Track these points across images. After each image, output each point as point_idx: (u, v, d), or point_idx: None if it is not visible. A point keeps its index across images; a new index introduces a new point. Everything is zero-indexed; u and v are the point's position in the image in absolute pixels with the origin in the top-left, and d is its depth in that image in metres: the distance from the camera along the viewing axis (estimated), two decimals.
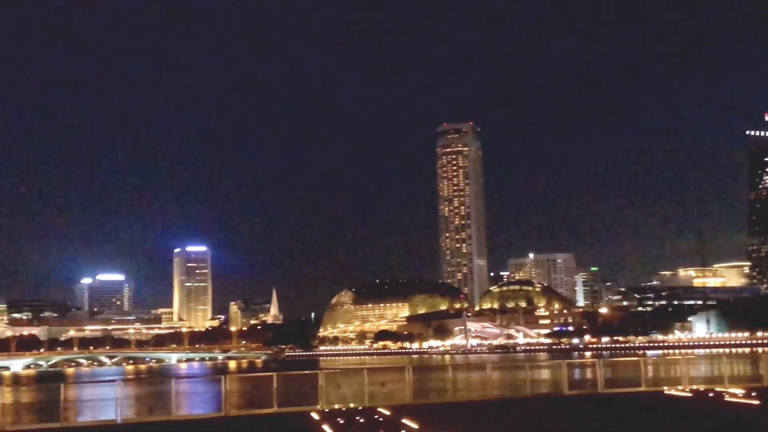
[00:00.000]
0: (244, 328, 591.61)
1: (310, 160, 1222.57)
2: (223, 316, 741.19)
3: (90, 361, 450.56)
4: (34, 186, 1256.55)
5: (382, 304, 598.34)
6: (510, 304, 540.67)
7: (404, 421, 41.23)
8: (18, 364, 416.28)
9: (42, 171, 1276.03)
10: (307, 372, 54.21)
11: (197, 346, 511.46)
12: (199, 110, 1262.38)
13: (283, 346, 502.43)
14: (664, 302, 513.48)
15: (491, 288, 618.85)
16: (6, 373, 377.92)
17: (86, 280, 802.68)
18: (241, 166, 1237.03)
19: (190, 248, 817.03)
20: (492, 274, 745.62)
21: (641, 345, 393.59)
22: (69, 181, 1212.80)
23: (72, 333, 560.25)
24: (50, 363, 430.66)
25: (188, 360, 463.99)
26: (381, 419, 43.61)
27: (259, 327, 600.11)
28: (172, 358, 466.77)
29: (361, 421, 42.68)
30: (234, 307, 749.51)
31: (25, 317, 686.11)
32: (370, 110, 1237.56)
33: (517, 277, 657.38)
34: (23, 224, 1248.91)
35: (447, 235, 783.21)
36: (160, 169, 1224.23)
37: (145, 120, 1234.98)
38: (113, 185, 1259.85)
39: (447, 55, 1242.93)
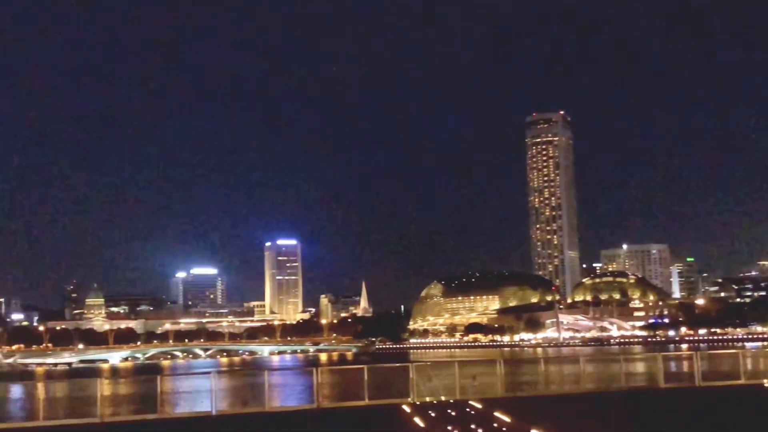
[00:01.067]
0: (335, 321, 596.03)
1: (400, 152, 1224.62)
2: (313, 309, 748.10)
3: (185, 354, 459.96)
4: (130, 183, 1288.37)
5: (472, 297, 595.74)
6: (603, 296, 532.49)
7: (496, 414, 40.85)
8: (116, 357, 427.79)
9: (138, 168, 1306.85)
10: (397, 365, 54.19)
11: (289, 338, 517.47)
12: (290, 105, 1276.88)
13: (374, 339, 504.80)
14: (763, 293, 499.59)
15: (584, 280, 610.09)
16: (105, 365, 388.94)
17: (180, 274, 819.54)
18: (330, 159, 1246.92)
19: (280, 242, 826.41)
20: (584, 265, 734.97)
21: (740, 337, 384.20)
22: (164, 179, 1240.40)
23: (167, 326, 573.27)
24: (147, 355, 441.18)
25: (280, 352, 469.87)
26: (473, 412, 43.30)
27: (349, 320, 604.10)
28: (264, 350, 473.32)
29: (453, 414, 42.42)
30: (324, 300, 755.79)
31: (122, 311, 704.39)
32: (458, 101, 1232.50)
33: (610, 269, 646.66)
34: (120, 221, 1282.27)
35: (537, 226, 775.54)
36: (252, 165, 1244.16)
37: (239, 116, 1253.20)
38: (206, 181, 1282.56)
39: (536, 44, 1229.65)
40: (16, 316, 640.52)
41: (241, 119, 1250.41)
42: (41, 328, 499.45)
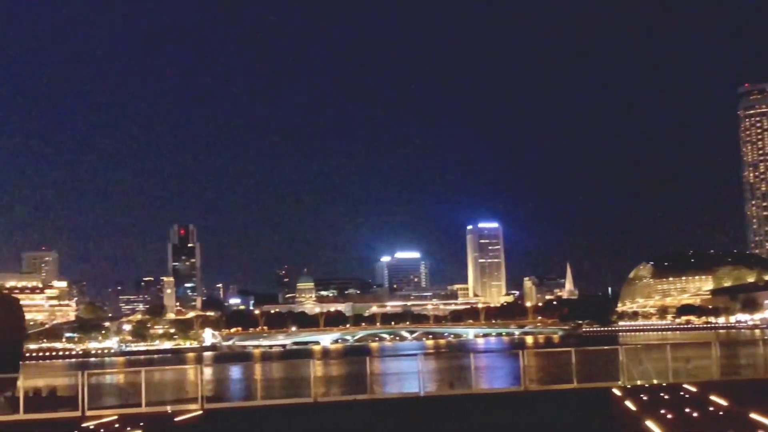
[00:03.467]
0: (539, 304, 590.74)
1: (601, 129, 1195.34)
2: (517, 292, 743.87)
3: (392, 336, 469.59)
4: (337, 171, 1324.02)
5: (683, 277, 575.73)
6: None
7: (712, 397, 39.30)
8: (327, 339, 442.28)
9: (345, 157, 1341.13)
10: (606, 347, 53.11)
11: (493, 321, 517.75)
12: (495, 87, 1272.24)
13: (580, 322, 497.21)
14: None
15: None
16: (316, 347, 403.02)
17: (385, 258, 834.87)
18: (528, 140, 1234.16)
19: (482, 224, 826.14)
20: None
21: None
22: (370, 166, 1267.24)
23: (374, 309, 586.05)
24: (355, 337, 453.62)
25: (485, 335, 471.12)
26: (687, 396, 41.81)
27: (554, 302, 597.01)
28: (469, 333, 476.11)
29: (666, 397, 41.09)
30: (528, 283, 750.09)
31: (330, 294, 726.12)
32: (662, 71, 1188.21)
33: None
34: (328, 207, 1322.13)
35: (753, 203, 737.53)
36: (453, 148, 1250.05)
37: (439, 101, 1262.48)
38: (409, 166, 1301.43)
39: (748, 10, 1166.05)
40: (234, 301, 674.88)
41: (440, 105, 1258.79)
42: (257, 312, 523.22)
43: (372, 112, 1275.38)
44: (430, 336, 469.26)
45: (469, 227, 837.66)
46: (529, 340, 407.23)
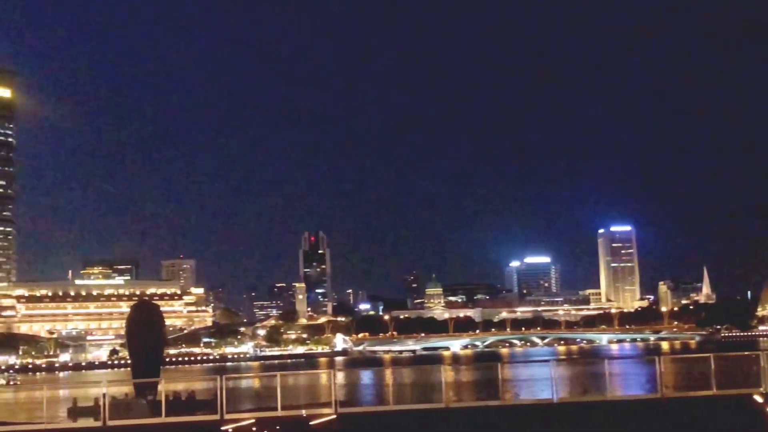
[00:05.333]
0: (675, 309, 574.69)
1: (744, 127, 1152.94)
2: (651, 297, 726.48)
3: (522, 342, 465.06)
4: (466, 176, 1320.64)
5: None
6: None
7: None
8: (456, 344, 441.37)
9: (472, 161, 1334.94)
10: (746, 353, 51.38)
11: (627, 326, 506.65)
12: (633, 87, 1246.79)
13: (718, 327, 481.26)
14: None
15: None
16: (446, 352, 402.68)
17: (514, 263, 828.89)
18: (663, 141, 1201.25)
19: (614, 228, 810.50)
20: None
21: None
22: (499, 170, 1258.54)
23: (504, 314, 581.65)
24: (485, 343, 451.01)
25: (619, 341, 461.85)
26: None
27: (690, 307, 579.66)
28: (602, 338, 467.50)
29: None
30: (663, 287, 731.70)
31: (459, 299, 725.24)
32: None
33: None
34: (456, 212, 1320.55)
35: None
36: (584, 151, 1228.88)
37: (568, 102, 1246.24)
38: (539, 169, 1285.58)
39: None
40: (364, 307, 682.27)
41: (571, 104, 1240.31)
42: (386, 317, 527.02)
43: (502, 116, 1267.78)
44: (562, 342, 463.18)
45: (601, 231, 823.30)
46: (665, 345, 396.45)
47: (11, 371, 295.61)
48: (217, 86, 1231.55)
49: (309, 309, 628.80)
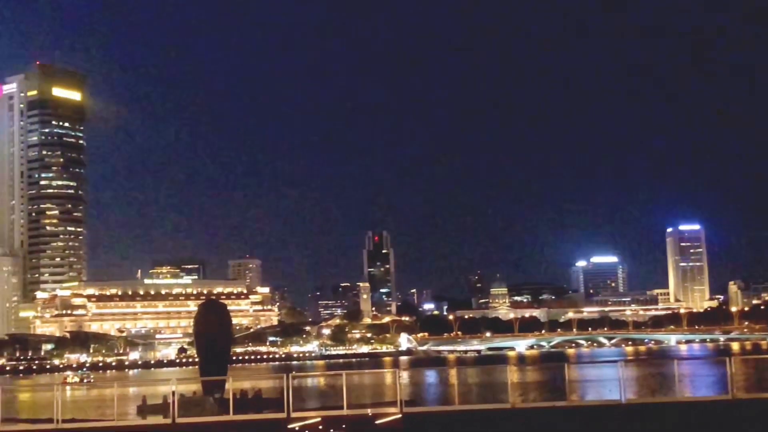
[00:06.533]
0: (746, 309, 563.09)
1: None
2: (721, 297, 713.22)
3: (589, 342, 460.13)
4: (531, 176, 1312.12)
5: None
6: None
7: None
8: (522, 345, 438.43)
9: (538, 161, 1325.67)
10: None
11: (696, 327, 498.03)
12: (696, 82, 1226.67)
13: None
14: None
15: None
16: (511, 353, 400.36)
17: (581, 263, 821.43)
18: (731, 138, 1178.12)
19: (682, 227, 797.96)
20: None
21: None
22: (564, 169, 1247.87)
23: (570, 315, 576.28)
24: (551, 344, 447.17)
25: (687, 341, 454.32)
26: None
27: (762, 307, 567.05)
28: (670, 339, 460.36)
29: None
30: (733, 287, 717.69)
31: (524, 300, 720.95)
32: None
33: None
34: (521, 212, 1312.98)
35: None
36: (650, 149, 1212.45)
37: (635, 96, 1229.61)
38: (605, 168, 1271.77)
39: None
40: (428, 306, 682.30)
41: (636, 98, 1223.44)
42: (450, 317, 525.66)
43: (571, 115, 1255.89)
44: (630, 342, 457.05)
45: (669, 230, 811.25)
46: (735, 346, 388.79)
47: (85, 369, 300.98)
48: (280, 87, 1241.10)
49: (373, 308, 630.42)
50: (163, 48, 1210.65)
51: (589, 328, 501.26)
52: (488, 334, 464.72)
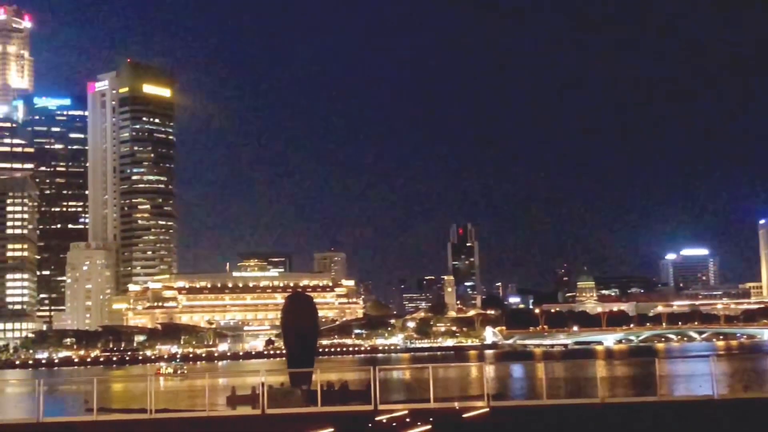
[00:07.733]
0: None
1: None
2: None
3: (679, 337, 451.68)
4: (618, 167, 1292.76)
5: None
6: None
7: None
8: (610, 339, 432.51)
9: (626, 152, 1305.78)
10: None
11: None
12: None
13: None
14: None
15: None
16: (599, 347, 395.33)
17: (670, 256, 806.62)
18: None
19: None
20: None
21: None
22: (653, 161, 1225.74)
23: (659, 308, 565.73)
24: (640, 338, 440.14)
25: None
26: None
27: None
28: (764, 333, 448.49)
29: None
30: None
31: (612, 293, 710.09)
32: None
33: None
34: (609, 203, 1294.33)
35: None
36: (743, 140, 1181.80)
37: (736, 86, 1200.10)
38: (695, 160, 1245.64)
39: None
40: (513, 300, 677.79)
41: (732, 88, 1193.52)
42: (536, 310, 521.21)
43: (660, 108, 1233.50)
44: (721, 337, 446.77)
45: (762, 221, 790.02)
46: None
47: (177, 360, 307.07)
48: (366, 82, 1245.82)
49: (458, 302, 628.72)
50: (252, 44, 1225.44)
51: (679, 323, 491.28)
52: (575, 328, 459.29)
